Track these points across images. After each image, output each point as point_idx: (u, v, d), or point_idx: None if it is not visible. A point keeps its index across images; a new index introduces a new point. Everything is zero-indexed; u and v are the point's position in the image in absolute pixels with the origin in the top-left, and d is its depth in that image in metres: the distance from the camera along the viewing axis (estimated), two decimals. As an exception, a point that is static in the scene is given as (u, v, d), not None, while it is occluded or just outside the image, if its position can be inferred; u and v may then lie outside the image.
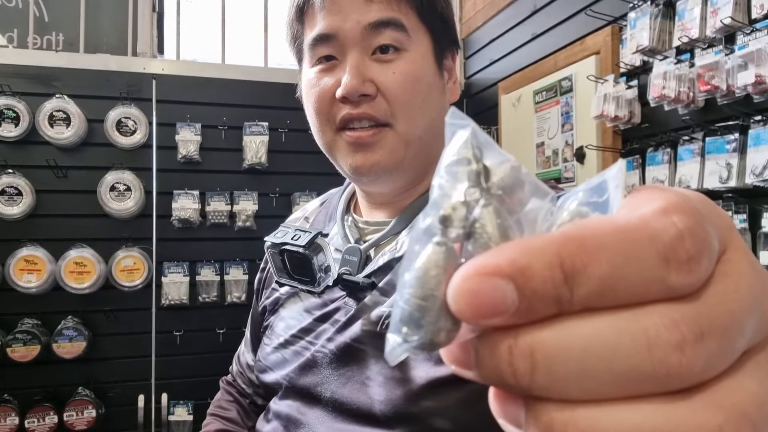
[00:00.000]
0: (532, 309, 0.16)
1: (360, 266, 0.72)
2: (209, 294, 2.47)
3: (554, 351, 0.15)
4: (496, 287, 0.15)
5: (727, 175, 1.39)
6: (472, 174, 0.18)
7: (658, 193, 0.17)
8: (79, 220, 2.38)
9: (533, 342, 0.16)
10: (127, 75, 2.47)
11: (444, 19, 0.73)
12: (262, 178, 2.59)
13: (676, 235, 0.15)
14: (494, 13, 2.63)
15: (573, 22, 2.07)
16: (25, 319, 2.28)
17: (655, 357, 0.15)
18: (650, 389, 0.15)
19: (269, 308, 0.84)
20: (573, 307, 0.16)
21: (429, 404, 0.61)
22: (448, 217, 0.17)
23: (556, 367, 0.15)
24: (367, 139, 0.68)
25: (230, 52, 2.75)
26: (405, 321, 0.17)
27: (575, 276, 0.15)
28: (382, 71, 0.67)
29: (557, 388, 0.16)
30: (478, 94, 2.81)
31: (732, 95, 1.37)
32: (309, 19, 0.71)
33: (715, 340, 0.15)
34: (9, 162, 2.30)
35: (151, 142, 2.46)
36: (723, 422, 0.15)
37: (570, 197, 0.18)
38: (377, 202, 0.78)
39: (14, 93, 2.30)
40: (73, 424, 2.24)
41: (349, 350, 0.68)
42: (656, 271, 0.15)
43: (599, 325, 0.15)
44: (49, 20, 2.55)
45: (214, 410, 0.91)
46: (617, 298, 0.16)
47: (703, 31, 1.47)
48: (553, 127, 2.15)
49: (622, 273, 0.15)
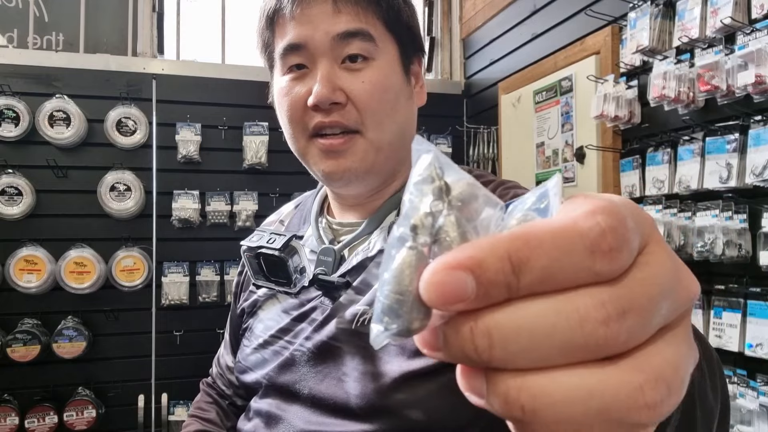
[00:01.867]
0: (487, 295, 0.19)
1: (335, 266, 0.75)
2: (209, 294, 2.47)
3: (507, 329, 0.19)
4: (458, 278, 0.19)
5: (727, 175, 1.39)
6: (435, 190, 0.21)
7: (588, 200, 0.20)
8: (79, 220, 2.38)
9: (490, 323, 0.19)
10: (127, 75, 2.47)
11: (409, 28, 0.76)
12: (262, 178, 2.59)
13: (599, 232, 0.19)
14: (494, 13, 2.63)
15: (573, 22, 2.07)
16: (25, 319, 2.28)
17: (586, 331, 0.18)
18: (584, 357, 0.19)
19: (248, 310, 0.87)
20: (520, 292, 0.19)
21: (403, 397, 0.63)
22: (418, 226, 0.21)
23: (509, 343, 0.19)
24: (339, 146, 0.70)
25: (230, 52, 2.75)
26: (385, 312, 0.20)
27: (521, 267, 0.19)
28: (351, 80, 0.70)
29: (511, 360, 0.19)
30: (478, 94, 2.81)
31: (732, 95, 1.37)
32: (279, 28, 0.73)
33: (634, 317, 0.19)
34: (9, 162, 2.30)
35: (151, 142, 2.46)
36: (643, 382, 0.19)
37: (518, 205, 0.22)
38: (349, 204, 0.81)
39: (14, 93, 2.30)
40: (73, 424, 2.24)
41: (326, 348, 0.71)
42: (585, 261, 0.19)
43: (541, 306, 0.19)
44: (49, 20, 2.55)
45: (193, 411, 0.94)
46: (555, 284, 0.19)
47: (703, 31, 1.47)
48: (553, 127, 2.15)
49: (558, 263, 0.19)
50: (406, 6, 0.75)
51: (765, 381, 1.30)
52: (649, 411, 0.19)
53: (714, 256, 1.39)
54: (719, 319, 1.41)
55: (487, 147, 2.66)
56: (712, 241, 1.40)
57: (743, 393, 1.33)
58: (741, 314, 1.36)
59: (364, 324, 0.70)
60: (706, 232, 1.42)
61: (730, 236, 1.36)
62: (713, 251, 1.39)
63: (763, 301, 1.32)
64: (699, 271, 1.49)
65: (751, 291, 1.35)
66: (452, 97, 2.91)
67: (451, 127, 2.83)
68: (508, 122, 2.48)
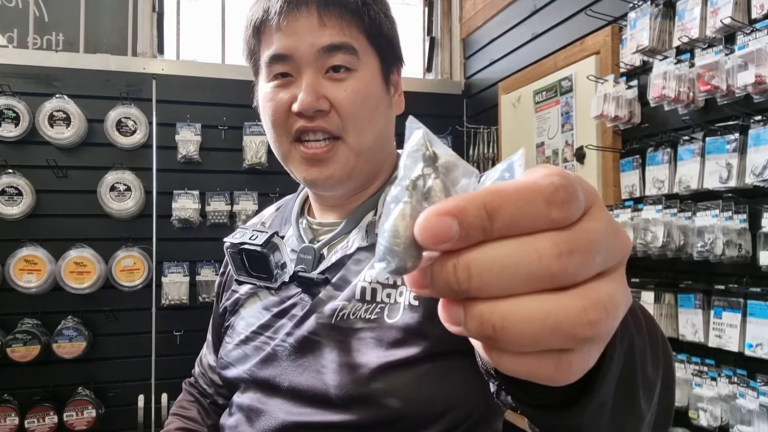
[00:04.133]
0: (468, 236, 0.24)
1: (314, 264, 0.79)
2: (209, 294, 2.47)
3: (482, 264, 0.24)
4: (445, 222, 0.23)
5: (727, 175, 1.39)
6: (426, 158, 0.26)
7: (545, 167, 0.25)
8: (79, 220, 2.38)
9: (469, 259, 0.24)
10: (127, 75, 2.47)
11: (390, 39, 0.80)
12: (262, 178, 2.59)
13: (554, 188, 0.24)
14: (494, 13, 2.63)
15: (573, 22, 2.07)
16: (25, 319, 2.28)
17: (543, 264, 0.23)
18: (543, 286, 0.24)
19: (229, 309, 0.90)
20: (493, 235, 0.24)
21: (380, 386, 0.67)
22: (411, 185, 0.26)
23: (484, 275, 0.24)
24: (322, 155, 0.74)
25: (230, 52, 2.76)
26: (387, 253, 0.25)
27: (494, 214, 0.23)
28: (334, 89, 0.73)
29: (485, 289, 0.24)
30: (478, 94, 2.81)
31: (732, 95, 1.37)
32: (265, 37, 0.76)
33: (580, 256, 0.24)
34: (9, 162, 2.30)
35: (151, 142, 2.46)
36: (587, 305, 0.24)
37: (489, 174, 0.27)
38: (329, 205, 0.85)
39: (14, 93, 2.30)
40: (73, 424, 2.24)
41: (307, 342, 0.74)
42: (543, 210, 0.24)
43: (509, 245, 0.24)
44: (49, 20, 2.55)
45: (175, 410, 0.97)
46: (520, 228, 0.24)
47: (703, 31, 1.47)
48: (553, 127, 2.15)
49: (522, 211, 0.24)
50: (386, 19, 0.79)
51: (765, 381, 1.30)
52: (592, 327, 0.24)
53: (714, 256, 1.39)
54: (719, 319, 1.41)
55: (487, 147, 2.66)
56: (712, 241, 1.40)
57: (743, 393, 1.33)
58: (741, 314, 1.36)
59: (343, 319, 0.72)
60: (706, 232, 1.42)
61: (730, 236, 1.36)
62: (713, 251, 1.39)
63: (763, 301, 1.32)
64: (699, 271, 1.49)
65: (751, 291, 1.35)
66: (452, 97, 2.90)
67: (451, 127, 2.83)
68: (508, 122, 2.48)
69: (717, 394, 1.38)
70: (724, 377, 1.38)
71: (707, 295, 1.47)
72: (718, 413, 1.38)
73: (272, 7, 0.74)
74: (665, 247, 1.51)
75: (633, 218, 1.62)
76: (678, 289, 1.54)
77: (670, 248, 1.50)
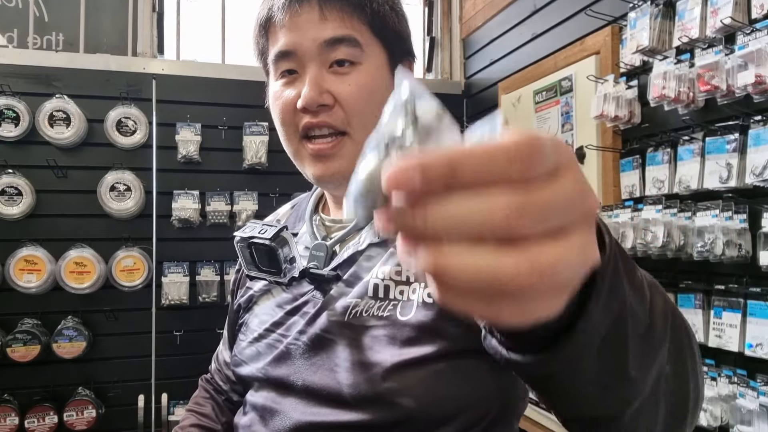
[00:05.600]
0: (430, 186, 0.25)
1: (326, 261, 0.78)
2: (209, 294, 2.47)
3: (441, 210, 0.25)
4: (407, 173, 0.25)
5: (727, 175, 1.39)
6: (407, 119, 0.28)
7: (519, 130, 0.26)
8: (79, 220, 2.38)
9: (428, 205, 0.26)
10: (127, 75, 2.47)
11: (397, 32, 0.78)
12: (262, 178, 2.58)
13: (516, 148, 0.25)
14: (494, 13, 2.63)
15: (573, 22, 2.07)
16: (25, 319, 2.28)
17: (495, 217, 0.25)
18: (492, 236, 0.25)
19: (244, 306, 0.89)
20: (455, 187, 0.25)
21: (393, 385, 0.66)
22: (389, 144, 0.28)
23: (438, 221, 0.25)
24: (327, 150, 0.74)
25: (230, 52, 2.75)
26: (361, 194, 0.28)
27: (457, 168, 0.25)
28: (338, 83, 0.73)
29: (438, 234, 0.26)
30: (478, 94, 2.81)
31: (732, 95, 1.37)
32: (272, 35, 0.76)
33: (529, 216, 0.25)
34: (9, 162, 2.30)
35: (151, 142, 2.46)
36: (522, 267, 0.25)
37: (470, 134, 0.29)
38: (342, 202, 0.83)
39: (14, 93, 2.30)
40: (73, 424, 2.24)
41: (320, 340, 0.73)
42: (502, 167, 0.25)
43: (466, 197, 0.25)
44: (49, 20, 2.55)
45: (190, 406, 0.97)
46: (480, 181, 0.25)
47: (703, 31, 1.47)
48: (553, 127, 2.15)
49: (484, 167, 0.25)
50: (392, 12, 0.78)
51: (765, 381, 1.30)
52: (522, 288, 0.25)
53: (714, 256, 1.39)
54: (719, 319, 1.41)
55: (487, 147, 2.66)
56: (712, 241, 1.40)
57: (743, 393, 1.33)
58: (741, 314, 1.36)
59: (356, 316, 0.71)
60: (706, 232, 1.42)
61: (730, 236, 1.36)
62: (713, 251, 1.39)
63: (763, 301, 1.32)
64: (699, 271, 1.49)
65: (751, 291, 1.35)
66: (452, 97, 2.90)
67: (451, 127, 2.82)
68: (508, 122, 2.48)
69: (717, 394, 1.38)
70: (724, 377, 1.38)
71: (707, 295, 1.47)
72: (718, 413, 1.38)
73: (276, 4, 0.74)
74: (665, 247, 1.51)
75: (633, 218, 1.62)
76: (678, 289, 1.54)
77: (670, 248, 1.50)
